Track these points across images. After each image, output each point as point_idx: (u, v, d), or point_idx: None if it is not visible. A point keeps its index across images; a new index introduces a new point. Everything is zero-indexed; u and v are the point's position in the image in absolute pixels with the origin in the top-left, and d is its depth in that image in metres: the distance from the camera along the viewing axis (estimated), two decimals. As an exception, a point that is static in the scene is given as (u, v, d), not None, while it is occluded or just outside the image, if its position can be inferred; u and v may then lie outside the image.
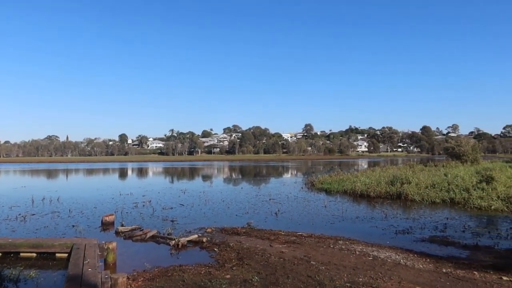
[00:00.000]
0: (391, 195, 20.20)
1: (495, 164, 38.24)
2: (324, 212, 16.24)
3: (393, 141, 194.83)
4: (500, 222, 13.72)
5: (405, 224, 13.36)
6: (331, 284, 6.88)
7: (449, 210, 16.33)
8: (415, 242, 10.78)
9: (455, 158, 44.10)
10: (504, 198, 16.88)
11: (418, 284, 6.87)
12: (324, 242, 10.61)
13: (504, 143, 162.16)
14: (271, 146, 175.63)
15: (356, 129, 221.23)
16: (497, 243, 10.43)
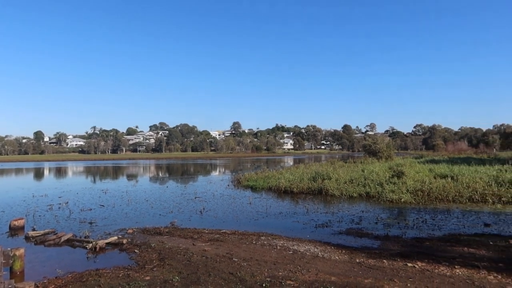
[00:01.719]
0: (313, 191, 21.05)
1: (405, 160, 41.46)
2: (249, 209, 16.44)
3: (317, 139, 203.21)
4: (409, 213, 14.92)
5: (324, 218, 13.99)
6: (252, 279, 6.96)
7: (365, 204, 17.40)
8: (333, 235, 11.32)
9: (372, 155, 47.14)
10: (412, 191, 18.37)
11: (334, 275, 7.20)
12: (247, 238, 10.73)
13: (414, 141, 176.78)
14: (199, 144, 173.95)
15: (282, 127, 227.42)
16: (404, 233, 11.33)
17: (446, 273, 7.33)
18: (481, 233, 11.05)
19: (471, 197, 17.25)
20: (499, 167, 24.76)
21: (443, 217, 13.76)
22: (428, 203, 16.88)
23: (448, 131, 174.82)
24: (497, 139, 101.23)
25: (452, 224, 12.60)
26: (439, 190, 18.02)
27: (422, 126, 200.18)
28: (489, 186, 18.35)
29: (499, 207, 15.80)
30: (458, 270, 7.46)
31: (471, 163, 30.23)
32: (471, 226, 12.16)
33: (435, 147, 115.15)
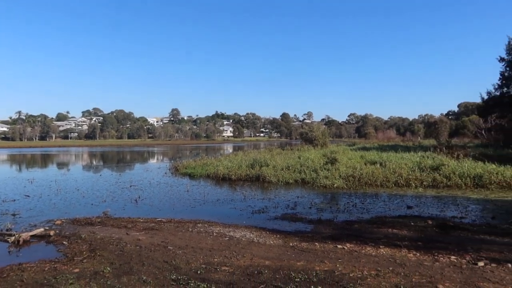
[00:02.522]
0: (251, 178, 21.32)
1: (339, 147, 43.27)
2: (186, 197, 16.29)
3: (256, 127, 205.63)
4: (340, 198, 15.66)
5: (261, 204, 14.26)
6: (187, 267, 6.93)
7: (300, 189, 17.97)
8: (269, 220, 11.59)
9: (308, 142, 48.61)
10: (344, 177, 19.27)
11: (268, 259, 7.39)
12: (184, 226, 10.65)
13: (348, 129, 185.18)
14: (136, 131, 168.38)
15: (222, 114, 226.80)
16: (336, 217, 11.89)
17: (372, 253, 7.82)
18: (404, 215, 11.92)
19: (397, 181, 18.50)
20: (422, 154, 26.69)
21: (372, 201, 14.65)
22: (359, 188, 17.84)
23: (379, 120, 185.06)
24: (422, 128, 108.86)
25: (379, 207, 13.45)
26: (369, 176, 19.07)
27: (355, 115, 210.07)
28: (413, 171, 19.75)
29: (421, 190, 17.13)
30: (382, 250, 7.98)
31: (398, 150, 32.23)
32: (396, 209, 13.07)
33: (367, 135, 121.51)
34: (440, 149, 29.50)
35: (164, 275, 6.54)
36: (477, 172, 18.59)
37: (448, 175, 18.61)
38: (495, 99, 41.31)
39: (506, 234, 9.38)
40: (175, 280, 6.22)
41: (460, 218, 11.55)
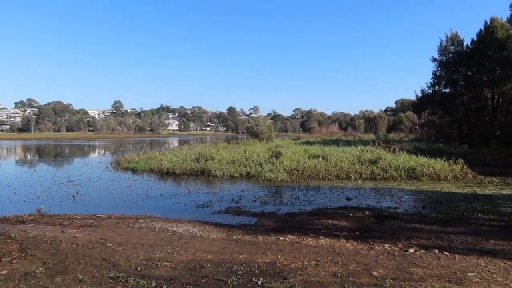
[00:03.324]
0: (196, 172, 21.12)
1: (284, 141, 44.10)
2: (128, 192, 15.80)
3: (203, 121, 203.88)
4: (284, 191, 15.97)
5: (206, 198, 14.18)
6: (127, 264, 6.73)
7: (245, 183, 18.09)
8: (213, 214, 11.56)
9: (254, 137, 49.03)
10: (288, 170, 19.67)
11: (211, 253, 7.36)
12: (124, 222, 10.32)
13: (293, 123, 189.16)
14: (75, 123, 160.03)
15: (167, 107, 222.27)
16: (279, 209, 12.12)
17: (312, 243, 8.06)
18: (344, 206, 12.40)
19: (338, 174, 19.21)
20: (362, 148, 27.91)
21: (314, 193, 15.09)
22: (302, 181, 18.30)
23: (323, 115, 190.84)
24: (362, 123, 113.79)
25: (320, 199, 13.89)
26: (312, 169, 19.62)
27: (300, 110, 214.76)
28: (353, 164, 20.61)
29: (360, 182, 17.93)
30: (322, 240, 8.26)
31: (340, 144, 33.46)
32: (336, 201, 13.57)
33: (311, 129, 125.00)
34: (378, 143, 31.05)
35: (102, 273, 6.30)
36: (410, 165, 19.78)
37: (385, 168, 19.64)
38: (428, 97, 44.04)
39: (434, 222, 10.08)
40: (113, 278, 6.01)
41: (395, 208, 12.24)
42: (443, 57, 43.72)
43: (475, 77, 39.84)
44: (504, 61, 37.12)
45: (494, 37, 37.74)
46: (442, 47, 44.06)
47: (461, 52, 41.85)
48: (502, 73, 37.78)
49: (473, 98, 40.58)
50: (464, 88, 41.01)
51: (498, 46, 37.42)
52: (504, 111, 40.76)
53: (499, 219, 10.52)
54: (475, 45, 39.89)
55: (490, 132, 39.12)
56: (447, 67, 42.73)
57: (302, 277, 5.86)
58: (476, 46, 39.67)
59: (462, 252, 7.40)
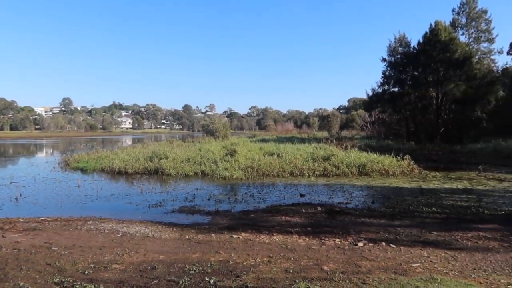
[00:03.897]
0: (149, 171, 20.66)
1: (240, 139, 44.19)
2: (76, 193, 15.15)
3: (157, 118, 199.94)
4: (239, 189, 15.99)
5: (159, 197, 13.89)
6: (73, 268, 6.44)
7: (200, 182, 17.93)
8: (166, 214, 11.34)
9: (210, 134, 48.76)
10: (243, 168, 19.70)
11: (163, 253, 7.22)
12: (72, 224, 9.88)
13: (249, 121, 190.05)
14: (20, 121, 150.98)
15: (120, 105, 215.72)
16: (233, 207, 12.10)
17: (266, 240, 8.12)
18: (297, 203, 12.61)
19: (292, 171, 19.50)
20: (316, 145, 28.52)
21: (268, 191, 15.23)
22: (257, 179, 18.41)
23: (278, 113, 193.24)
24: (316, 121, 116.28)
25: (275, 196, 14.04)
26: (267, 167, 19.79)
27: (256, 108, 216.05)
28: (306, 161, 21.00)
29: (313, 179, 18.31)
30: (275, 237, 8.34)
31: (294, 142, 34.05)
32: (290, 197, 13.77)
33: (266, 127, 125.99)
34: (331, 141, 31.86)
35: (46, 278, 5.99)
36: (361, 162, 20.46)
37: (337, 165, 20.18)
38: (378, 96, 45.75)
39: (382, 216, 10.50)
40: (58, 283, 5.73)
41: (346, 203, 12.61)
42: (392, 57, 45.63)
43: (421, 77, 41.91)
44: (447, 62, 39.34)
45: (438, 40, 39.86)
46: (391, 48, 45.98)
47: (408, 53, 43.84)
48: (445, 73, 40.02)
49: (419, 97, 42.64)
50: (411, 87, 43.00)
51: (441, 48, 39.57)
52: (447, 109, 43.12)
53: (441, 212, 11.13)
54: (421, 46, 41.91)
55: (435, 130, 41.31)
56: (396, 67, 44.62)
57: (255, 274, 5.89)
58: (422, 47, 41.68)
59: (407, 244, 7.75)
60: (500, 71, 48.78)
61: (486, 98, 40.04)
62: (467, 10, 44.95)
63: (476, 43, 45.60)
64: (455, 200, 13.28)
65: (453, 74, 39.59)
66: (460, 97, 39.68)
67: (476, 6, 44.61)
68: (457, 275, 5.92)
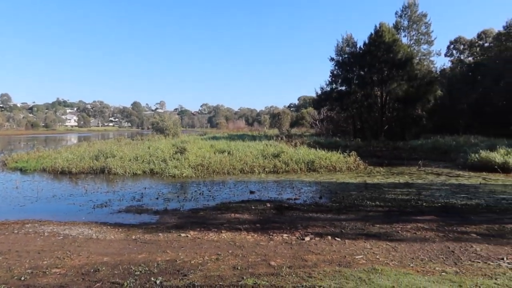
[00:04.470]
0: (95, 170, 19.87)
1: (190, 137, 43.66)
2: (14, 194, 14.24)
3: (105, 116, 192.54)
4: (189, 187, 15.80)
5: (105, 197, 13.39)
6: (8, 274, 6.06)
7: (149, 180, 17.51)
8: (111, 214, 10.96)
9: (159, 132, 47.77)
10: (194, 166, 19.49)
11: (107, 255, 6.98)
12: (8, 228, 9.28)
13: (200, 119, 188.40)
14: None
15: (64, 102, 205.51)
16: (182, 206, 11.94)
17: (214, 238, 8.09)
18: (247, 200, 12.68)
19: (242, 169, 19.58)
20: (266, 143, 28.80)
21: (218, 188, 15.18)
22: (207, 176, 18.28)
23: (230, 111, 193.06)
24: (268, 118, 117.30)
25: (225, 194, 14.02)
26: (217, 164, 19.72)
27: (208, 106, 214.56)
28: (257, 159, 21.16)
29: (263, 176, 18.49)
30: (224, 235, 8.34)
31: (245, 139, 34.12)
32: (240, 194, 13.81)
33: (218, 125, 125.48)
34: (281, 138, 32.33)
35: (-25, 288, 5.59)
36: (310, 158, 20.95)
37: (286, 162, 20.52)
38: (326, 94, 47.00)
39: (329, 211, 10.82)
40: (-10, 291, 5.38)
41: (294, 199, 12.85)
42: (340, 57, 47.08)
43: (367, 76, 43.60)
44: (390, 62, 41.22)
45: (382, 41, 41.66)
46: (339, 48, 47.44)
47: (355, 53, 45.42)
48: (389, 73, 41.93)
49: (365, 95, 44.34)
50: (358, 86, 44.61)
51: (385, 49, 41.41)
52: (391, 108, 45.20)
53: (384, 205, 11.66)
54: (367, 47, 43.57)
55: (379, 127, 43.17)
56: (343, 66, 46.09)
57: (202, 273, 5.85)
58: (367, 48, 43.34)
59: (351, 237, 8.05)
60: (438, 72, 52.01)
61: (426, 98, 42.51)
62: (408, 14, 47.38)
63: (417, 45, 48.25)
64: (397, 194, 13.97)
65: (396, 74, 41.58)
66: (402, 96, 41.76)
67: (417, 10, 47.16)
68: (397, 265, 6.23)
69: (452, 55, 57.74)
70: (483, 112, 43.12)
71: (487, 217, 10.00)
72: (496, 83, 42.92)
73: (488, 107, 42.73)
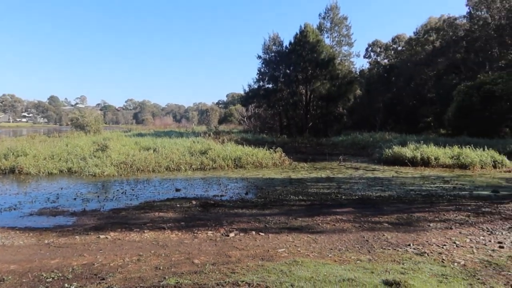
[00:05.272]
0: (3, 170, 18.18)
1: (114, 134, 41.74)
2: None
3: (17, 111, 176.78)
4: (111, 186, 15.07)
5: (14, 200, 12.26)
6: None
7: (67, 180, 16.40)
8: (21, 217, 10.05)
9: (80, 129, 45.03)
10: (116, 164, 18.62)
11: (15, 262, 6.41)
12: None
13: (125, 115, 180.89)
14: None
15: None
16: (103, 206, 11.34)
17: (136, 238, 7.80)
18: (172, 198, 12.40)
19: (168, 166, 19.15)
20: (193, 139, 28.48)
21: (142, 187, 14.68)
22: (131, 175, 17.61)
23: (157, 107, 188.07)
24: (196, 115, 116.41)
25: (149, 192, 13.59)
26: (141, 162, 19.05)
27: (133, 101, 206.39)
28: (183, 156, 20.81)
29: (190, 173, 18.27)
30: (146, 234, 8.07)
31: (172, 136, 33.46)
32: (165, 192, 13.48)
33: (144, 121, 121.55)
34: (209, 135, 32.19)
35: None
36: (237, 155, 21.09)
37: (214, 158, 20.46)
38: (254, 91, 47.72)
39: (254, 206, 10.97)
40: None
41: (221, 196, 12.85)
42: (267, 55, 47.98)
43: (292, 74, 45.00)
44: (314, 62, 42.94)
45: (307, 41, 43.21)
46: (266, 46, 48.30)
47: (281, 52, 46.59)
48: (313, 72, 43.67)
49: (291, 93, 45.74)
50: (284, 84, 45.87)
51: (310, 48, 43.02)
52: (315, 105, 47.13)
53: (307, 199, 12.11)
54: (292, 46, 44.89)
55: (304, 124, 44.83)
56: (270, 64, 47.08)
57: (122, 275, 5.62)
58: (293, 47, 44.67)
59: (275, 231, 8.24)
60: (358, 72, 55.34)
61: (346, 96, 45.05)
62: (331, 16, 49.69)
63: (338, 46, 50.84)
64: (319, 188, 14.59)
65: (320, 73, 43.44)
66: (325, 95, 43.76)
67: (339, 13, 49.67)
68: (316, 256, 6.50)
69: (370, 57, 61.67)
70: (396, 110, 46.73)
71: (397, 207, 10.84)
72: (408, 84, 46.73)
73: (400, 106, 46.39)
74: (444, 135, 35.70)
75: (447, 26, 44.82)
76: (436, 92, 42.66)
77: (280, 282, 5.02)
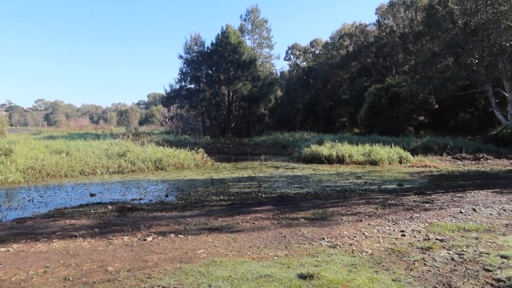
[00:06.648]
0: None
1: (21, 136, 38.25)
2: None
3: None
4: (16, 193, 13.79)
5: None
6: None
7: (-38, 189, 14.70)
8: None
9: (-21, 132, 40.59)
10: (23, 169, 17.09)
11: None
12: None
13: (35, 116, 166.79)
14: None
15: None
16: (5, 216, 10.31)
17: (43, 249, 7.23)
18: (86, 203, 11.71)
19: (83, 170, 18.05)
20: (111, 141, 27.15)
21: (53, 193, 13.65)
22: (40, 181, 16.31)
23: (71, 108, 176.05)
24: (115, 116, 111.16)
25: (60, 199, 12.68)
26: (52, 166, 17.70)
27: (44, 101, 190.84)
28: (100, 159, 19.75)
29: (107, 177, 17.38)
30: (55, 244, 7.51)
31: (88, 139, 31.54)
32: (78, 198, 12.68)
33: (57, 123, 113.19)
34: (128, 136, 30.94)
35: None
36: (157, 156, 20.56)
37: (133, 161, 19.71)
38: (176, 91, 46.93)
39: (174, 209, 10.76)
40: None
41: (139, 199, 12.42)
42: (189, 55, 47.40)
43: (215, 75, 45.02)
44: (236, 63, 43.39)
45: (228, 42, 43.51)
46: (187, 46, 47.71)
47: (203, 52, 46.37)
48: (235, 73, 44.12)
49: (214, 94, 45.71)
50: (206, 84, 45.72)
51: (231, 50, 43.39)
52: (238, 106, 47.66)
53: (228, 199, 12.17)
54: (214, 47, 44.96)
55: (227, 124, 45.08)
56: (192, 64, 46.59)
57: (25, 290, 5.17)
58: (215, 48, 44.74)
59: (195, 232, 8.15)
60: (278, 74, 57.01)
61: (268, 97, 46.22)
62: (252, 18, 50.60)
63: (259, 48, 51.95)
64: (240, 187, 14.76)
65: (241, 74, 44.02)
66: (247, 95, 44.47)
67: (259, 16, 50.74)
68: (235, 255, 6.55)
69: (290, 59, 63.92)
70: (314, 110, 48.96)
71: (314, 203, 11.35)
72: (325, 85, 49.17)
73: (318, 106, 48.69)
74: (357, 133, 38.13)
75: (359, 32, 48.00)
76: (350, 94, 45.43)
77: (198, 283, 4.99)
